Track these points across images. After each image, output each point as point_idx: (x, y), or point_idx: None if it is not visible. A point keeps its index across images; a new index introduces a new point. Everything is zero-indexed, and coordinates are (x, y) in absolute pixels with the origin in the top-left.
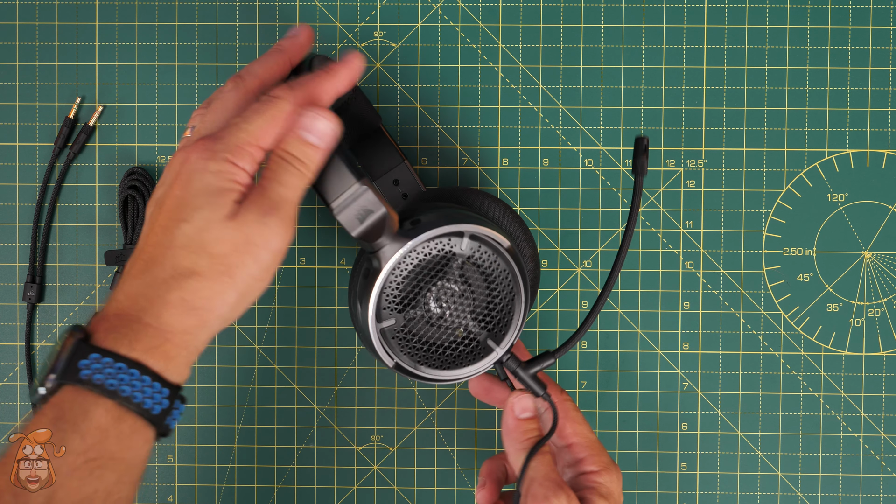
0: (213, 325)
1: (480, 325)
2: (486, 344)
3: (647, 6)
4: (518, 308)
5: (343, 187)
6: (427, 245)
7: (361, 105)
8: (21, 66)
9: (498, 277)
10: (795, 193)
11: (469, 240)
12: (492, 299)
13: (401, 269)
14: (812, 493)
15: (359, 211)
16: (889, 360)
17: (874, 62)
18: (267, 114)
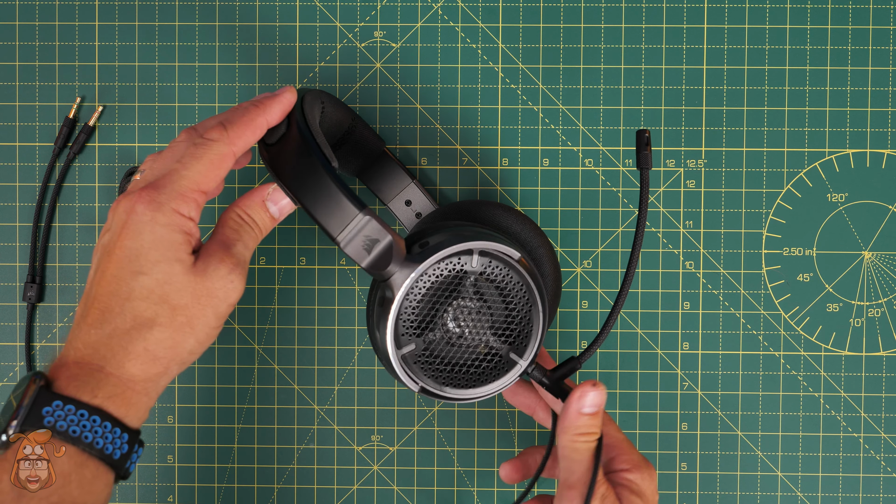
0: (173, 371)
1: (501, 339)
2: (508, 358)
3: (647, 6)
4: (537, 318)
5: (346, 220)
6: (437, 267)
7: (362, 132)
8: (21, 66)
9: (513, 290)
10: (795, 193)
11: (479, 256)
12: (509, 312)
13: (414, 294)
14: (812, 493)
15: (365, 241)
16: (889, 360)
17: (874, 62)
18: (205, 158)
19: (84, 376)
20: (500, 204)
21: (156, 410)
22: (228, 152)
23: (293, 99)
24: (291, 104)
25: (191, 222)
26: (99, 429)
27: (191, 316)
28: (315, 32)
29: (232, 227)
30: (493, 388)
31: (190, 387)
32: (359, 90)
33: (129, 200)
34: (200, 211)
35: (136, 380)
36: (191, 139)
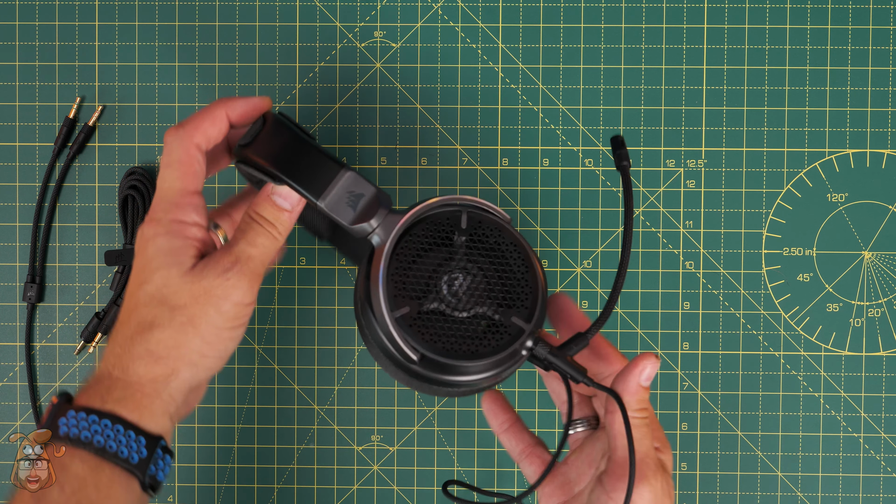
0: (183, 372)
1: (500, 306)
2: (511, 324)
3: (647, 6)
4: (535, 281)
5: (327, 179)
6: (426, 229)
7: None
8: (21, 66)
9: (506, 252)
10: (795, 193)
11: (467, 216)
12: (507, 276)
13: (405, 255)
14: (812, 493)
15: (349, 197)
16: (889, 360)
17: (874, 62)
18: (173, 162)
19: (96, 385)
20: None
21: None
22: (190, 145)
23: (262, 102)
24: (258, 104)
25: (193, 227)
26: (110, 432)
27: (191, 315)
28: (315, 32)
29: (240, 228)
30: (499, 359)
31: None
32: (359, 90)
33: (139, 229)
34: (202, 211)
35: (142, 381)
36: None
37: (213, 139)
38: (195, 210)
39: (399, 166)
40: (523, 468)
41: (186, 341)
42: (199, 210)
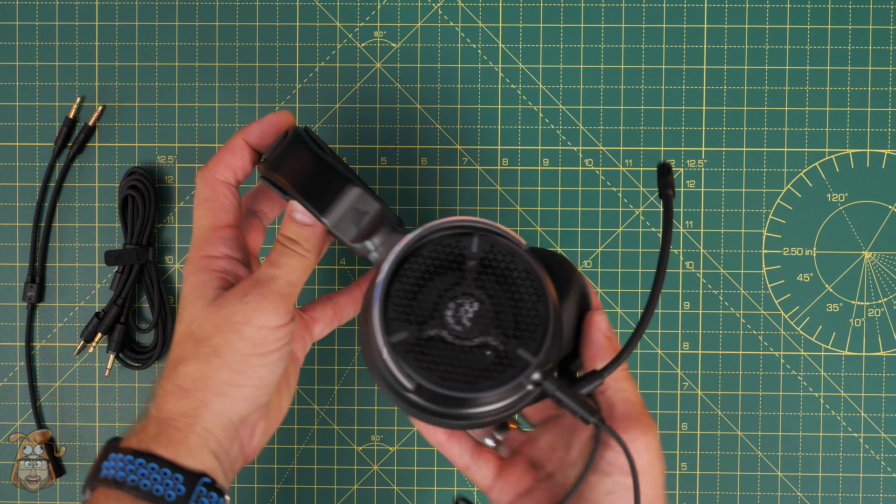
0: (214, 403)
1: (508, 337)
2: (516, 356)
3: (647, 6)
4: (548, 313)
5: (333, 194)
6: (434, 249)
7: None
8: (21, 66)
9: (518, 279)
10: (795, 193)
11: (479, 239)
12: (517, 306)
13: (408, 276)
14: (812, 493)
15: (353, 215)
16: (889, 360)
17: (874, 62)
18: (201, 200)
19: (138, 427)
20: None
21: None
22: (214, 181)
23: (281, 118)
24: (276, 122)
25: (221, 259)
26: (145, 471)
27: (215, 345)
28: (315, 32)
29: (270, 254)
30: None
31: None
32: (359, 90)
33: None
34: (233, 243)
35: (173, 416)
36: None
37: (240, 169)
38: (224, 243)
39: (399, 166)
40: (478, 471)
41: (212, 372)
42: (229, 242)
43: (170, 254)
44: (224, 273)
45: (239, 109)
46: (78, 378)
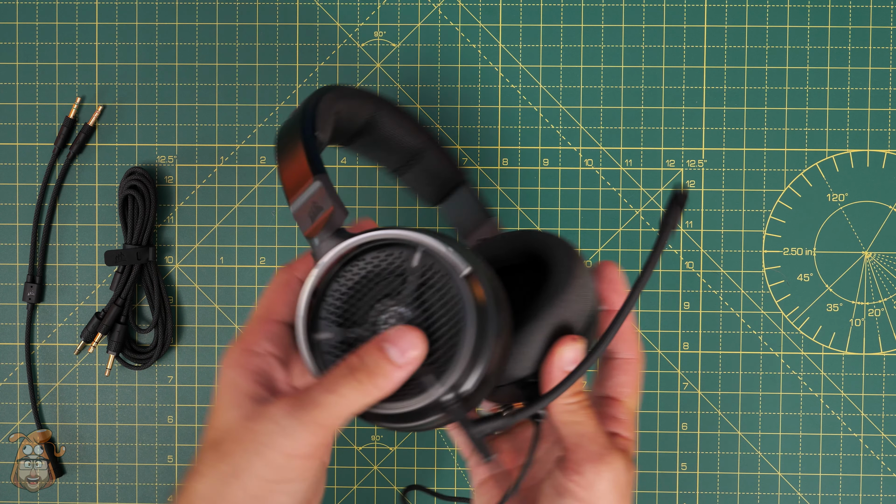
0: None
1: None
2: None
3: (647, 6)
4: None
5: (301, 184)
6: (376, 256)
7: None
8: (21, 66)
9: (447, 304)
10: (795, 193)
11: (422, 256)
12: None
13: (347, 279)
14: (812, 493)
15: (311, 208)
16: (889, 360)
17: (874, 62)
18: (271, 285)
19: None
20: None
21: (156, 410)
22: (290, 277)
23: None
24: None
25: (258, 357)
26: None
27: (235, 465)
28: (315, 32)
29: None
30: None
31: (190, 387)
32: None
33: None
34: (280, 340)
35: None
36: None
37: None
38: (269, 338)
39: None
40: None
41: (229, 493)
42: (275, 339)
43: (170, 254)
44: (260, 374)
45: (239, 109)
46: (78, 378)
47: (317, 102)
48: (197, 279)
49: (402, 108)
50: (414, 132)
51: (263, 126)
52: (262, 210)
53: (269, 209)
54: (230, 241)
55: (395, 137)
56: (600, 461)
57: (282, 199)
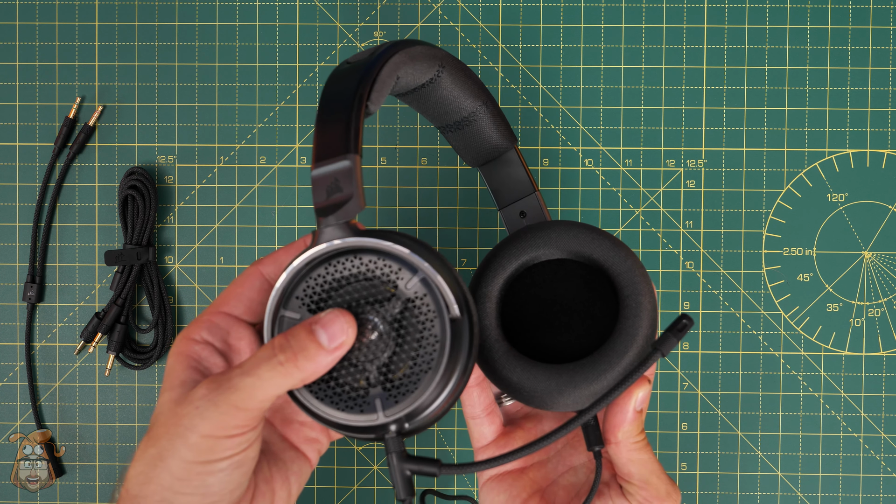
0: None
1: (383, 381)
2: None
3: (647, 6)
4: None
5: (331, 154)
6: (372, 261)
7: (488, 121)
8: (21, 66)
9: (425, 340)
10: (795, 193)
11: (420, 282)
12: (406, 359)
13: (336, 270)
14: (812, 493)
15: (331, 182)
16: (889, 360)
17: (874, 62)
18: (234, 281)
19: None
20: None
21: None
22: (253, 271)
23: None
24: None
25: (197, 345)
26: None
27: (161, 448)
28: (315, 32)
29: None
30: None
31: None
32: None
33: None
34: (220, 331)
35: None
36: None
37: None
38: (209, 328)
39: (399, 166)
40: (481, 427)
41: (156, 476)
42: (215, 329)
43: (170, 254)
44: (196, 361)
45: (239, 109)
46: (78, 378)
47: (382, 67)
48: (197, 279)
49: (467, 70)
50: (473, 95)
51: (263, 126)
52: (262, 210)
53: (269, 209)
54: (230, 241)
55: (452, 99)
56: (668, 499)
57: (282, 199)
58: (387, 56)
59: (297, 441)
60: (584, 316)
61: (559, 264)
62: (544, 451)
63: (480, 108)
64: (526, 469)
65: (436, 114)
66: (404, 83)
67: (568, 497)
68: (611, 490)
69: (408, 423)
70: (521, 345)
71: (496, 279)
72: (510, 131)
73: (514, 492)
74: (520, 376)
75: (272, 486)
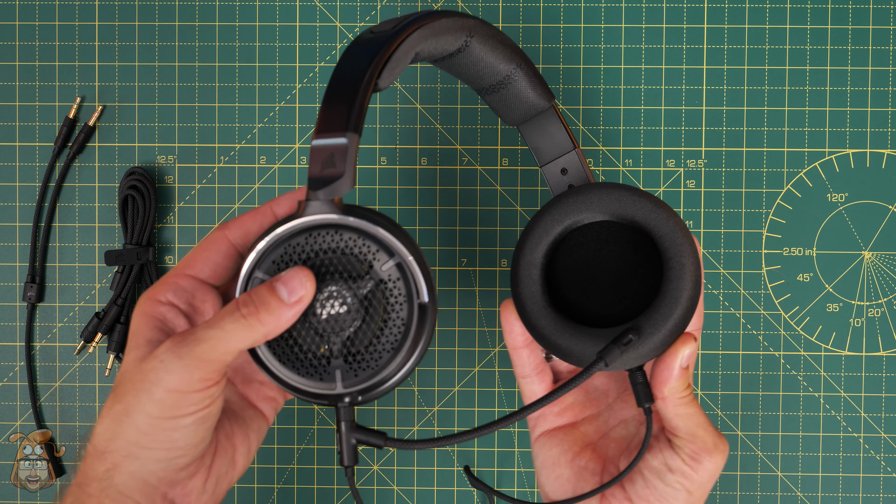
0: (125, 465)
1: (344, 353)
2: (332, 372)
3: (647, 6)
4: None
5: (333, 130)
6: (352, 238)
7: (524, 83)
8: (21, 66)
9: (392, 321)
10: (795, 193)
11: (395, 266)
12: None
13: (316, 243)
14: (812, 493)
15: (327, 157)
16: (889, 360)
17: (874, 62)
18: (199, 244)
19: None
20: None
21: None
22: (220, 235)
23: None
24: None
25: (163, 306)
26: None
27: (127, 404)
28: (315, 32)
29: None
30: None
31: None
32: None
33: None
34: (184, 293)
35: (87, 480)
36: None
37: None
38: (173, 289)
39: (399, 166)
40: (531, 385)
41: (122, 431)
42: (180, 292)
43: (170, 254)
44: (161, 322)
45: (239, 109)
46: (78, 378)
47: (398, 45)
48: None
49: (499, 34)
50: (506, 59)
51: (263, 126)
52: None
53: None
54: None
55: (486, 63)
56: (715, 450)
57: None
58: (406, 32)
59: (256, 399)
60: (628, 278)
61: (602, 226)
62: (595, 405)
63: (515, 70)
64: (577, 423)
65: (470, 78)
66: (428, 54)
67: (619, 449)
68: (660, 444)
69: (361, 396)
70: (567, 308)
71: (540, 245)
72: (547, 90)
73: (565, 446)
74: (568, 342)
75: (233, 442)
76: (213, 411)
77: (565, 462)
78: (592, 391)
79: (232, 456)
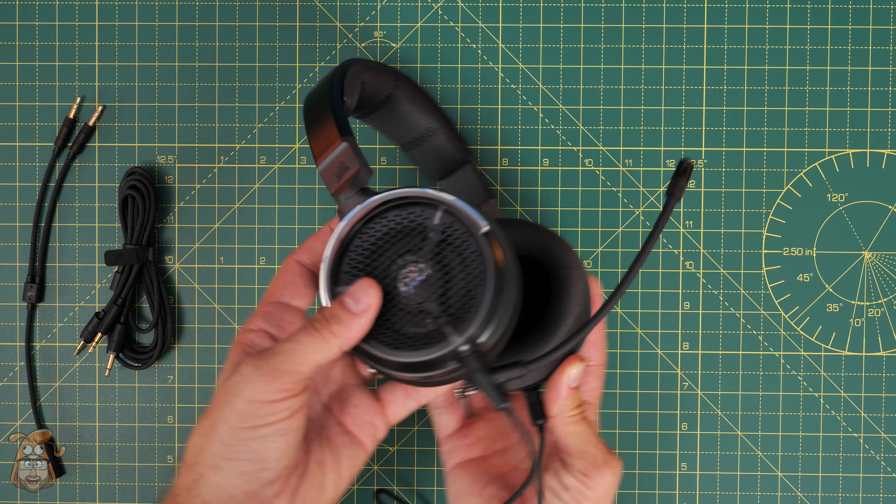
0: (210, 476)
1: (445, 312)
2: (443, 331)
3: (647, 6)
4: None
5: (329, 145)
6: (398, 214)
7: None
8: (21, 66)
9: (468, 260)
10: (795, 193)
11: (443, 214)
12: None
13: (369, 236)
14: (812, 493)
15: (338, 167)
16: (889, 360)
17: (874, 62)
18: (276, 273)
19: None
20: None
21: (156, 410)
22: (290, 261)
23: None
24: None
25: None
26: None
27: (213, 418)
28: (315, 32)
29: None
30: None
31: (190, 387)
32: None
33: None
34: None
35: (178, 491)
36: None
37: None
38: (264, 317)
39: (399, 166)
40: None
41: (207, 444)
42: (266, 317)
43: (170, 254)
44: (248, 346)
45: (239, 109)
46: (78, 378)
47: (345, 70)
48: (197, 279)
49: (421, 88)
50: (428, 112)
51: (263, 126)
52: (262, 210)
53: (269, 209)
54: (230, 241)
55: (410, 115)
56: (605, 466)
57: (282, 199)
58: (348, 63)
59: (352, 425)
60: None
61: None
62: (506, 440)
63: (437, 123)
64: (488, 456)
65: (397, 131)
66: (369, 91)
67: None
68: (555, 463)
69: (481, 338)
70: None
71: None
72: (464, 146)
73: (476, 476)
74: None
75: (322, 469)
76: (293, 424)
77: (476, 491)
78: (497, 428)
79: (321, 482)
